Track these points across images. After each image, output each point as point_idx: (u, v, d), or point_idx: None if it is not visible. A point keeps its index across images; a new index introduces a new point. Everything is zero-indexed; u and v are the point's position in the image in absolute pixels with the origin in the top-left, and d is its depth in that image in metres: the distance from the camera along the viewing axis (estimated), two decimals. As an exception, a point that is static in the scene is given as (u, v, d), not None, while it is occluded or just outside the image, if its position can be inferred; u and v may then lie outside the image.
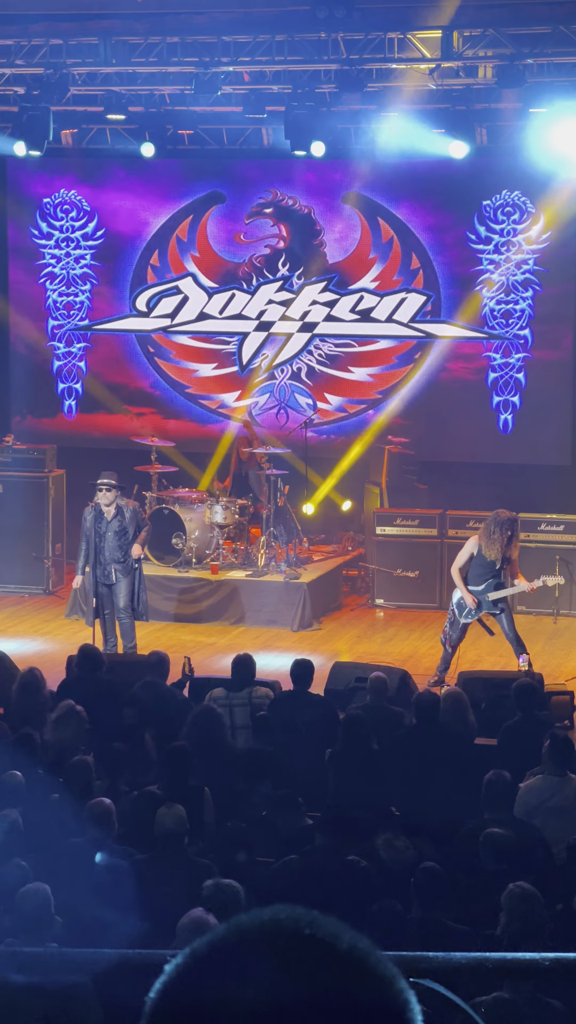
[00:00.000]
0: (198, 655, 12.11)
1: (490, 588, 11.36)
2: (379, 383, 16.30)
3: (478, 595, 11.37)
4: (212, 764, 7.93)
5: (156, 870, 6.43)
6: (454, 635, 11.61)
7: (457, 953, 2.04)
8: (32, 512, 15.32)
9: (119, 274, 16.86)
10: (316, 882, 6.31)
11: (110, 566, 12.23)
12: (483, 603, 11.40)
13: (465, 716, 8.82)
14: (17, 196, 16.94)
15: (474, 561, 11.49)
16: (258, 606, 14.19)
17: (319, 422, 16.20)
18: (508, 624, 11.52)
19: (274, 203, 16.38)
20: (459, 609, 11.49)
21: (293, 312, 16.39)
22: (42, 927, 5.58)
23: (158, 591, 13.97)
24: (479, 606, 11.41)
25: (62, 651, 11.99)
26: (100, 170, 16.73)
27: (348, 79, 12.81)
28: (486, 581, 11.43)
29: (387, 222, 16.09)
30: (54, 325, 17.07)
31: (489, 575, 11.40)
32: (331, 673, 10.64)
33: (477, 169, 15.42)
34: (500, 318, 15.87)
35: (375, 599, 14.94)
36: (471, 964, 2.18)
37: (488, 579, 11.43)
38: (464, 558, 11.55)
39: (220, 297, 16.55)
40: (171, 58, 13.09)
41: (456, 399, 16.00)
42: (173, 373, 16.82)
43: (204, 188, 16.52)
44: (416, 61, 12.82)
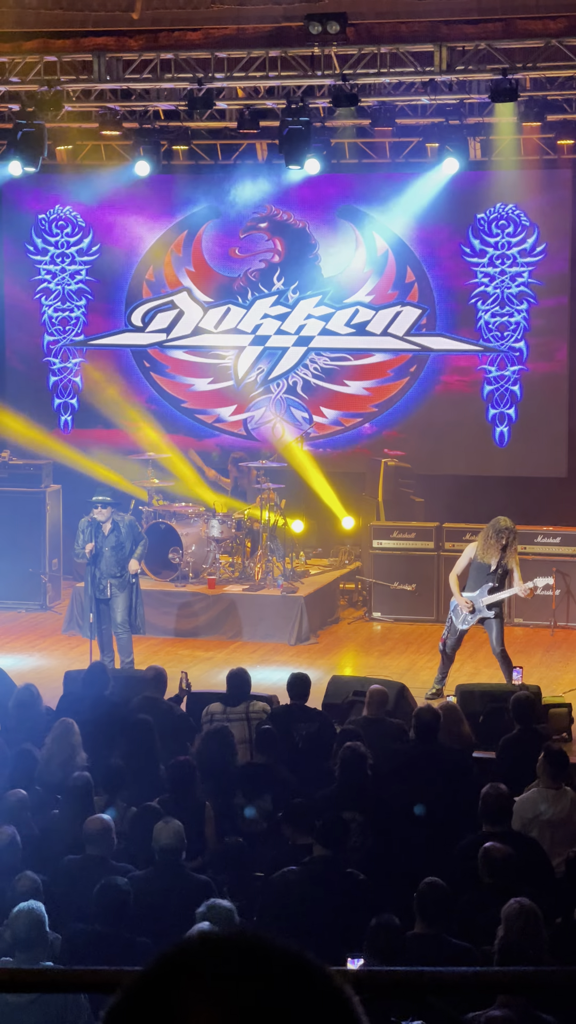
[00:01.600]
0: (195, 669, 12.10)
1: (484, 593, 11.47)
2: (375, 396, 16.32)
3: (474, 600, 11.48)
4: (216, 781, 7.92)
5: (154, 885, 6.43)
6: (451, 641, 11.69)
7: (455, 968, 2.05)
8: (29, 527, 15.31)
9: (114, 289, 16.89)
10: (315, 895, 6.30)
11: (106, 581, 12.23)
12: (478, 608, 11.51)
13: (459, 728, 8.82)
14: (12, 212, 16.98)
15: (472, 567, 11.62)
16: (255, 620, 14.18)
17: (315, 436, 16.21)
18: (497, 636, 11.56)
19: (269, 218, 16.41)
20: (456, 615, 11.60)
21: (288, 326, 16.42)
22: (37, 945, 5.57)
23: (155, 605, 13.96)
24: (474, 611, 11.51)
25: (59, 666, 11.98)
26: (95, 186, 16.77)
27: (342, 94, 12.85)
28: (481, 586, 11.56)
29: (381, 236, 16.13)
30: (50, 340, 17.09)
31: (484, 581, 11.51)
32: (329, 687, 10.64)
33: (471, 182, 15.47)
34: (495, 331, 15.90)
35: (372, 612, 14.94)
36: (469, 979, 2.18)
37: (483, 584, 11.56)
38: (462, 564, 11.70)
39: (215, 312, 16.58)
40: (165, 74, 13.13)
41: (452, 412, 16.03)
42: (169, 388, 16.84)
43: (199, 203, 16.56)
44: (409, 75, 12.86)
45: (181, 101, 13.54)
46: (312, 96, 13.49)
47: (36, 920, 5.57)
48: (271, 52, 12.82)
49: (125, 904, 5.94)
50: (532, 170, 15.62)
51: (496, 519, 11.61)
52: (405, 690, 10.55)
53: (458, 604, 11.55)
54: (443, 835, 7.27)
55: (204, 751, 8.23)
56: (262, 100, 13.86)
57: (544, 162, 15.52)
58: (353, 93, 12.90)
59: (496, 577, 11.47)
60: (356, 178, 16.14)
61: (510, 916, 5.29)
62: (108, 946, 5.80)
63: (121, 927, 5.91)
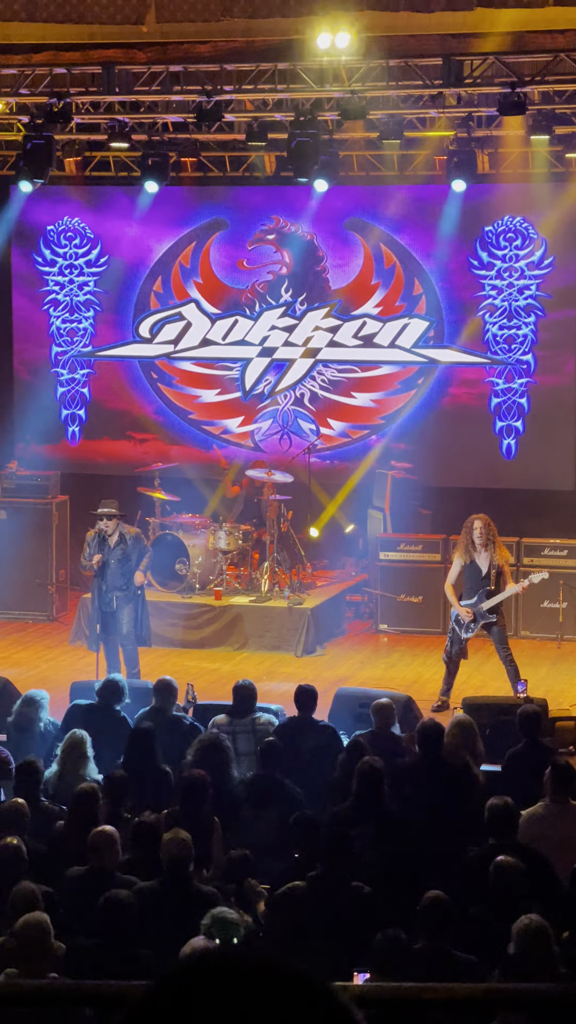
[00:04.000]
0: (202, 681, 12.08)
1: (483, 598, 11.59)
2: (382, 408, 16.32)
3: (472, 607, 11.58)
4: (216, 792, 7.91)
5: (161, 898, 6.41)
6: (455, 650, 11.78)
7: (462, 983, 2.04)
8: (36, 538, 15.32)
9: (122, 301, 16.92)
10: (321, 909, 6.29)
11: (112, 593, 12.22)
12: (479, 614, 11.61)
13: (474, 744, 8.80)
14: (21, 224, 17.01)
15: (465, 575, 11.81)
16: (262, 632, 14.18)
17: (322, 447, 16.22)
18: (500, 639, 11.72)
19: (277, 230, 16.44)
20: (458, 625, 11.72)
21: (296, 338, 16.43)
22: (42, 956, 5.56)
23: (161, 617, 13.96)
24: (476, 619, 11.60)
25: (66, 678, 11.97)
26: (103, 198, 16.81)
27: (350, 107, 12.87)
28: (478, 593, 11.66)
29: (389, 248, 16.14)
30: (58, 352, 17.12)
31: (480, 586, 11.63)
32: (335, 699, 10.63)
33: (479, 195, 15.49)
34: (503, 343, 15.90)
35: (379, 624, 14.92)
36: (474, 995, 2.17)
37: (479, 590, 11.67)
38: (455, 574, 11.91)
39: (223, 323, 16.60)
40: (174, 87, 13.15)
41: (459, 424, 16.03)
42: (176, 399, 16.85)
43: (207, 215, 16.59)
44: (417, 89, 12.88)
45: (190, 113, 13.57)
46: (320, 109, 13.51)
47: (41, 930, 5.56)
48: (280, 65, 12.85)
49: (128, 917, 5.93)
50: (540, 183, 15.63)
51: (468, 518, 11.87)
52: (411, 702, 10.54)
53: (459, 614, 11.65)
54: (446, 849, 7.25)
55: (201, 762, 8.21)
56: (270, 113, 13.89)
57: (552, 175, 15.53)
58: (362, 106, 12.91)
59: (491, 581, 11.63)
60: (364, 190, 16.16)
61: (520, 933, 5.27)
62: (111, 959, 5.79)
63: (124, 940, 5.90)
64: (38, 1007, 3.54)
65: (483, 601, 11.66)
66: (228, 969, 1.22)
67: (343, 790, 7.84)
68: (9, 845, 6.64)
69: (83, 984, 3.47)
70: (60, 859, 7.14)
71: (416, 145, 15.19)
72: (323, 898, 6.36)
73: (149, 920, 6.12)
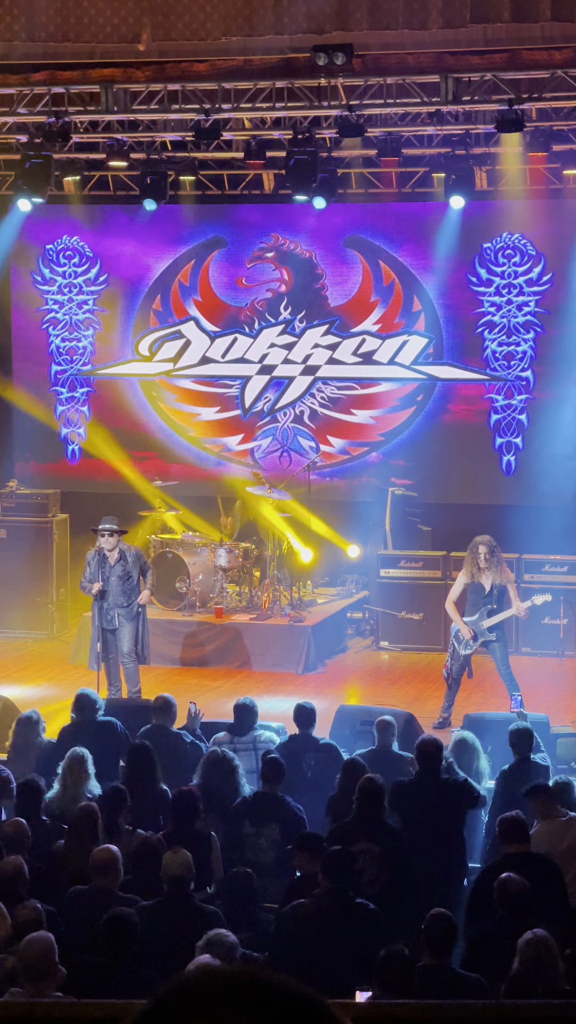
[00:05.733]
0: (203, 699, 12.05)
1: (484, 616, 11.61)
2: (382, 426, 16.33)
3: (473, 624, 11.61)
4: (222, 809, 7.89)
5: (162, 916, 6.38)
6: (455, 667, 11.79)
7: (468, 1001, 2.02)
8: (36, 557, 15.31)
9: (121, 319, 16.94)
10: (324, 927, 6.26)
11: (113, 611, 12.20)
12: (479, 632, 11.63)
13: (476, 761, 8.78)
14: (21, 243, 17.04)
15: (468, 592, 11.84)
16: (262, 649, 14.15)
17: (322, 465, 16.21)
18: (502, 657, 11.75)
19: (275, 247, 16.46)
20: (458, 641, 11.74)
21: (295, 355, 16.44)
22: (47, 975, 5.53)
23: (162, 635, 13.94)
24: (475, 637, 11.62)
25: (67, 696, 11.93)
26: (102, 216, 16.84)
27: (348, 124, 12.90)
28: (479, 610, 11.67)
29: (388, 265, 16.17)
30: (57, 370, 17.13)
31: (483, 604, 11.64)
32: (336, 716, 10.60)
33: (477, 212, 15.51)
34: (502, 360, 15.91)
35: (380, 641, 14.90)
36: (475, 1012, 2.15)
37: (481, 608, 11.69)
38: (458, 591, 11.97)
39: (222, 341, 16.61)
40: (172, 105, 13.19)
41: (459, 441, 16.03)
42: (176, 417, 16.86)
43: (206, 233, 16.62)
44: (415, 106, 12.91)
45: (188, 132, 13.61)
46: (318, 127, 13.54)
47: (46, 949, 5.53)
48: (278, 83, 12.88)
49: (131, 936, 5.90)
50: (538, 200, 15.67)
51: (473, 540, 11.85)
52: (413, 719, 10.51)
53: (459, 630, 11.67)
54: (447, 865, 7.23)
55: (206, 779, 8.19)
56: (269, 131, 13.92)
57: (550, 191, 15.56)
58: (359, 124, 12.94)
59: (493, 599, 11.64)
60: (362, 208, 16.19)
61: (525, 948, 5.24)
62: (113, 978, 5.76)
63: (127, 959, 5.87)
64: None
65: (484, 619, 11.69)
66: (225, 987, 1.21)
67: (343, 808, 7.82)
68: (10, 864, 6.62)
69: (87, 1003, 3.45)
70: (61, 878, 7.11)
71: (414, 162, 15.22)
72: (326, 916, 6.33)
73: (151, 939, 6.09)
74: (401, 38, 12.14)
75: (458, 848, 7.55)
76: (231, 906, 6.76)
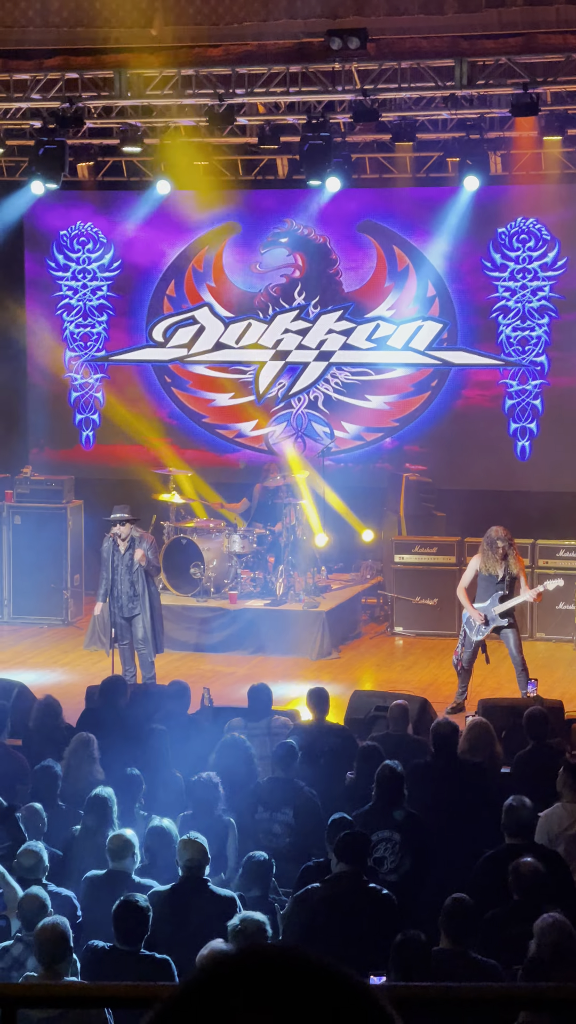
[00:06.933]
0: (217, 685, 12.07)
1: (495, 602, 11.64)
2: (396, 411, 16.31)
3: (485, 610, 11.64)
4: (237, 795, 7.91)
5: (178, 901, 6.41)
6: (466, 654, 11.81)
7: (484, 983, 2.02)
8: (51, 543, 15.33)
9: (136, 305, 16.93)
10: (339, 911, 6.27)
11: (124, 599, 12.23)
12: (491, 618, 11.65)
13: (492, 746, 8.78)
14: (34, 229, 17.04)
15: (479, 579, 11.86)
16: (277, 635, 14.16)
17: (336, 451, 16.20)
18: (515, 643, 11.78)
19: (289, 233, 16.44)
20: (469, 627, 11.77)
21: (309, 341, 16.42)
22: (60, 961, 5.55)
23: (176, 621, 13.96)
24: (487, 622, 11.63)
25: (81, 682, 11.97)
26: (116, 202, 16.82)
27: (362, 109, 12.86)
28: (491, 596, 11.72)
29: (402, 250, 16.13)
30: (71, 356, 17.14)
31: (494, 591, 11.67)
32: (351, 701, 10.61)
33: (492, 196, 15.47)
34: (516, 345, 15.88)
35: (394, 627, 14.90)
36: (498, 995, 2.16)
37: (493, 594, 11.73)
38: (469, 577, 12.00)
39: (236, 327, 16.60)
40: (186, 91, 13.16)
41: (473, 426, 16.01)
42: (190, 403, 16.86)
43: (219, 219, 16.59)
44: (430, 91, 12.87)
45: (202, 117, 13.58)
46: (333, 111, 13.51)
47: (60, 935, 5.55)
48: (292, 68, 12.84)
49: (144, 922, 5.91)
50: (553, 184, 15.61)
51: (489, 530, 11.91)
52: (427, 705, 10.52)
53: (471, 616, 11.69)
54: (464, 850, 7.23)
55: (221, 764, 8.21)
56: (283, 116, 13.89)
57: (565, 176, 15.51)
58: (374, 108, 12.91)
59: (505, 586, 11.68)
60: (377, 193, 16.15)
61: (543, 931, 5.25)
62: (126, 964, 5.78)
63: (140, 945, 5.89)
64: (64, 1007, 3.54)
65: (496, 605, 11.70)
66: (263, 964, 1.21)
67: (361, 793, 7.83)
68: (32, 850, 6.64)
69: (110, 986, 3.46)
70: (77, 863, 7.14)
71: (429, 147, 15.17)
72: (340, 900, 6.34)
73: (165, 924, 6.11)
74: (416, 22, 12.11)
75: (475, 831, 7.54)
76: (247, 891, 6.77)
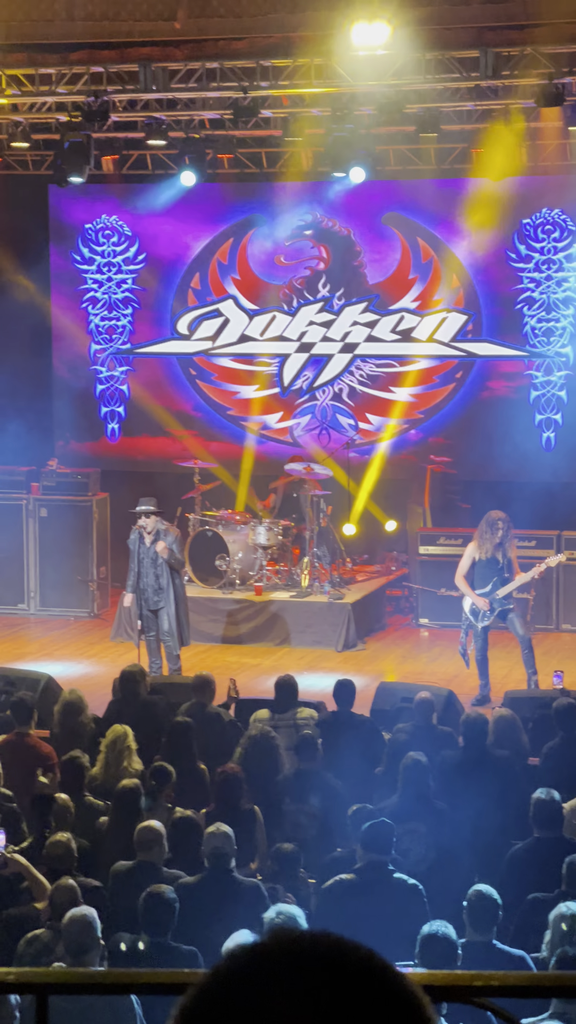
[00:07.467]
0: (243, 676, 12.10)
1: (496, 587, 11.72)
2: (421, 403, 16.29)
3: (487, 595, 11.65)
4: (262, 786, 7.93)
5: (204, 892, 6.44)
6: (479, 644, 11.83)
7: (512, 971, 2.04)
8: (76, 536, 15.39)
9: (160, 298, 16.96)
10: (366, 901, 6.29)
11: (150, 591, 12.27)
12: (494, 602, 11.67)
13: (518, 738, 8.78)
14: (59, 222, 17.08)
15: (477, 565, 11.91)
16: (302, 627, 14.18)
17: (361, 443, 16.20)
18: (521, 624, 11.97)
19: (314, 225, 16.43)
20: (474, 615, 11.79)
21: (334, 333, 16.42)
22: (89, 951, 5.59)
23: (202, 613, 13.99)
24: (491, 608, 11.64)
25: (108, 674, 12.01)
26: (141, 195, 16.85)
27: (387, 100, 12.84)
28: (491, 581, 11.76)
29: (427, 242, 16.10)
30: (96, 349, 17.18)
31: (493, 575, 11.75)
32: (377, 693, 10.63)
33: (517, 187, 15.42)
34: (541, 336, 15.84)
35: (419, 619, 14.90)
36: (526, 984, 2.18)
37: (492, 579, 11.79)
38: (466, 565, 12.01)
39: (261, 319, 16.61)
40: (211, 83, 13.16)
41: (498, 418, 15.98)
42: (215, 395, 16.88)
43: (244, 211, 16.60)
44: (454, 81, 12.84)
45: (226, 110, 13.58)
46: (357, 103, 13.49)
47: (88, 925, 5.59)
48: (316, 60, 12.83)
49: (171, 914, 5.95)
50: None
51: (488, 513, 11.98)
52: (453, 696, 10.52)
53: (474, 603, 11.69)
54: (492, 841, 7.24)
55: (248, 757, 8.24)
56: (307, 108, 13.88)
57: (590, 166, 15.45)
58: (398, 99, 12.88)
59: (504, 570, 11.71)
60: (401, 184, 16.13)
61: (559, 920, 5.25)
62: (153, 955, 5.81)
63: (166, 937, 5.92)
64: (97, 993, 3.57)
65: (498, 588, 11.75)
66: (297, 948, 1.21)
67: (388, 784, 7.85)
68: (60, 841, 6.68)
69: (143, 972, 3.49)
70: (104, 854, 7.18)
71: (453, 139, 15.13)
72: (367, 890, 6.36)
73: (191, 914, 6.14)
74: (441, 12, 12.08)
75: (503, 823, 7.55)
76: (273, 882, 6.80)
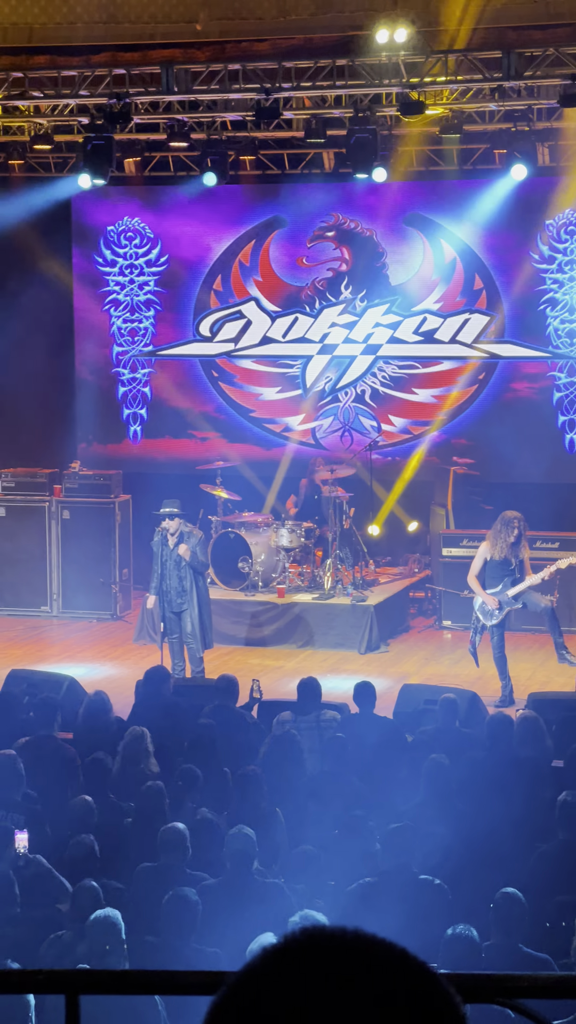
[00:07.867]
0: (266, 678, 12.09)
1: (508, 586, 11.77)
2: (443, 404, 16.26)
3: (497, 595, 11.68)
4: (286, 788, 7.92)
5: (227, 893, 6.43)
6: (495, 643, 11.92)
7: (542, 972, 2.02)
8: (99, 538, 15.40)
9: (182, 300, 16.96)
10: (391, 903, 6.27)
11: (172, 594, 12.27)
12: (504, 602, 11.78)
13: (543, 740, 8.75)
14: (81, 224, 17.11)
15: (488, 565, 11.99)
16: (325, 629, 14.17)
17: (383, 444, 16.17)
18: (540, 597, 12.16)
19: (336, 226, 16.42)
20: (484, 615, 11.82)
21: (356, 335, 16.40)
22: (113, 953, 5.58)
23: (225, 615, 13.99)
24: (500, 607, 11.67)
25: (130, 676, 12.02)
26: (163, 197, 16.86)
27: (409, 102, 12.82)
28: (502, 581, 11.85)
29: (449, 243, 16.07)
30: (119, 351, 17.20)
31: (504, 575, 11.84)
32: (400, 695, 10.61)
33: (539, 188, 15.38)
34: (565, 337, 15.79)
35: (442, 621, 14.87)
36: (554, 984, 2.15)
37: (504, 579, 11.88)
38: (478, 564, 12.11)
39: (283, 321, 16.60)
40: (232, 85, 13.17)
41: (521, 419, 15.93)
42: (237, 397, 16.88)
43: (266, 213, 16.60)
44: (477, 82, 12.81)
45: (248, 112, 13.59)
46: (379, 104, 13.48)
47: (112, 927, 5.58)
48: (338, 61, 12.83)
49: (193, 917, 5.94)
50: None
51: (503, 513, 12.07)
52: (476, 699, 10.49)
53: (484, 602, 11.71)
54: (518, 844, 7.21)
55: (271, 758, 8.23)
56: (329, 109, 13.88)
57: (613, 167, 15.39)
58: (420, 100, 12.87)
59: (516, 570, 11.76)
60: (423, 185, 16.10)
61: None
62: (175, 958, 5.80)
63: (189, 939, 5.91)
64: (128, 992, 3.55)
65: (509, 588, 11.79)
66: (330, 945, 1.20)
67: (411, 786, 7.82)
68: (84, 842, 6.69)
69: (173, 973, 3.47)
70: (128, 856, 7.17)
71: (475, 139, 15.11)
72: (392, 892, 6.34)
73: (215, 917, 6.13)
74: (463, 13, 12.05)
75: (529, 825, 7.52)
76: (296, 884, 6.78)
